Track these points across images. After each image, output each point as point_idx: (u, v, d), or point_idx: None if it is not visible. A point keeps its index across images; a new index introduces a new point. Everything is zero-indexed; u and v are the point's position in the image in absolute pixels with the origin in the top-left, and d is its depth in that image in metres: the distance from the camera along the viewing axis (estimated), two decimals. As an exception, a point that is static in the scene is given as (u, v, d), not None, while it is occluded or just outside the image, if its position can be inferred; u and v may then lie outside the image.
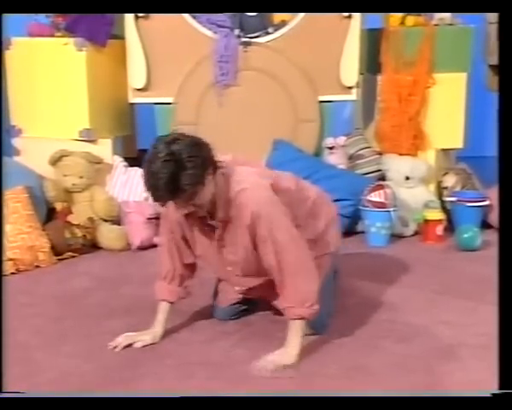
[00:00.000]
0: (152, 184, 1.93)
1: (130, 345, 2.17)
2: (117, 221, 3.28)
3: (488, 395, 1.64)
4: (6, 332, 2.24)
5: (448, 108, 3.51)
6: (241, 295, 2.32)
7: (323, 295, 2.24)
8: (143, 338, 2.18)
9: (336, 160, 3.56)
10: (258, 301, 2.38)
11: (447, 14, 3.46)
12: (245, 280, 2.22)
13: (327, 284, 2.25)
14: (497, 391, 1.67)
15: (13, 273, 2.85)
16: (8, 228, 2.92)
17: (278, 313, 2.20)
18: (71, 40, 3.32)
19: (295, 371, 1.99)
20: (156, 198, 1.97)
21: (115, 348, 2.16)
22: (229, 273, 2.21)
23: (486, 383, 1.78)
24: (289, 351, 2.02)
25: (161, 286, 2.24)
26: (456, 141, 3.60)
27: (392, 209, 3.25)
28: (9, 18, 3.14)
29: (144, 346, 2.17)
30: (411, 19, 3.46)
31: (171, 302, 2.23)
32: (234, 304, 2.36)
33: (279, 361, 1.99)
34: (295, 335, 2.03)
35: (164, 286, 2.24)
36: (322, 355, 2.11)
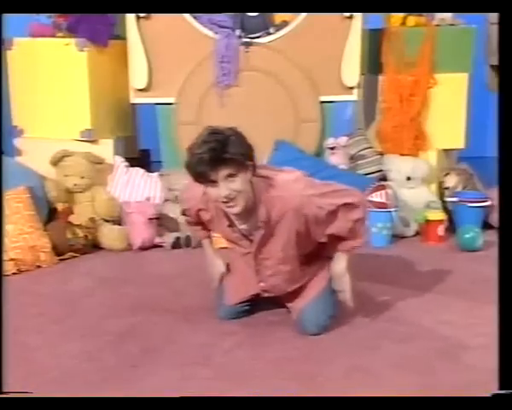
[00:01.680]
0: (197, 154, 1.94)
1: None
2: (118, 221, 3.28)
3: (488, 395, 1.64)
4: (8, 332, 2.24)
5: (449, 109, 3.51)
6: (253, 293, 2.32)
7: (326, 297, 2.24)
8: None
9: (337, 160, 3.56)
10: (266, 301, 2.38)
11: (448, 15, 3.46)
12: (273, 278, 2.25)
13: (331, 285, 2.26)
14: (497, 391, 1.67)
15: (14, 273, 2.85)
16: (9, 228, 2.92)
17: (280, 311, 2.20)
18: (72, 40, 3.33)
19: (296, 372, 1.99)
20: (198, 168, 1.96)
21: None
22: (260, 271, 2.24)
23: (487, 384, 1.78)
24: (343, 264, 2.17)
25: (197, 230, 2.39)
26: (458, 141, 3.60)
27: (393, 209, 3.25)
28: (11, 18, 3.14)
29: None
30: (412, 19, 3.46)
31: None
32: (238, 304, 2.36)
33: (340, 270, 2.16)
34: (345, 258, 2.20)
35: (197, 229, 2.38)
36: (322, 356, 2.11)
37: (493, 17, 3.52)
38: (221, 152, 1.92)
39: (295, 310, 2.27)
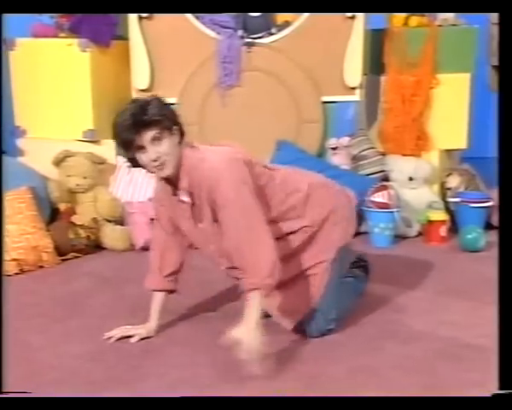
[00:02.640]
0: (119, 121, 1.98)
1: (124, 338, 2.20)
2: (120, 222, 3.29)
3: (488, 396, 1.64)
4: (10, 332, 2.25)
5: (452, 109, 3.51)
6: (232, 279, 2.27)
7: (327, 301, 2.22)
8: (138, 332, 2.21)
9: (339, 160, 3.56)
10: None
11: (451, 15, 3.46)
12: (224, 260, 2.15)
13: (330, 288, 2.23)
14: (497, 391, 1.67)
15: (17, 274, 2.86)
16: (12, 228, 2.93)
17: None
18: (75, 41, 3.33)
19: (299, 372, 1.99)
20: (123, 135, 1.97)
21: (109, 339, 2.19)
22: (213, 253, 2.17)
23: (490, 385, 1.78)
24: (245, 325, 1.89)
25: (150, 277, 2.29)
26: (460, 142, 3.60)
27: (395, 210, 3.25)
28: (14, 19, 3.15)
29: (142, 339, 2.20)
30: (415, 19, 3.46)
31: (158, 291, 2.27)
32: None
33: (236, 336, 1.86)
34: (251, 307, 1.90)
35: (153, 277, 2.28)
36: (325, 356, 2.11)
37: (495, 17, 3.52)
38: (142, 115, 1.95)
39: (290, 321, 2.21)
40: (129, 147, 2.00)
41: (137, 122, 1.95)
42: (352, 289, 2.33)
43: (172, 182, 2.08)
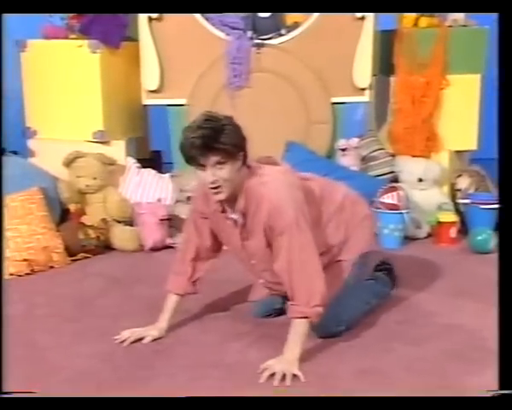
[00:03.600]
0: (189, 136, 1.96)
1: (137, 341, 2.19)
2: (130, 222, 3.29)
3: (488, 396, 1.63)
4: (21, 332, 2.26)
5: (462, 110, 3.49)
6: (267, 290, 2.33)
7: (339, 303, 2.22)
8: (150, 333, 2.21)
9: (349, 161, 3.56)
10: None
11: (461, 16, 3.45)
12: (266, 274, 2.23)
13: (346, 291, 2.24)
14: (497, 391, 1.66)
15: (27, 274, 2.87)
16: (22, 229, 2.94)
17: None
18: (85, 42, 3.35)
19: (307, 373, 1.99)
20: (190, 152, 1.98)
21: (122, 342, 2.18)
22: (254, 266, 2.24)
23: (497, 386, 1.77)
24: (287, 357, 1.97)
25: (176, 280, 2.29)
26: (470, 143, 3.58)
27: (405, 211, 3.24)
28: (25, 20, 3.18)
29: (153, 340, 2.20)
30: (425, 20, 3.45)
31: (179, 295, 2.27)
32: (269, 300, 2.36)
33: (277, 368, 1.93)
34: (295, 337, 1.99)
35: (179, 280, 2.28)
36: (334, 357, 2.11)
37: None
38: (213, 140, 1.94)
39: None
40: (191, 162, 2.02)
41: (207, 146, 1.94)
42: (372, 292, 2.34)
43: (225, 200, 2.08)
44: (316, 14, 3.41)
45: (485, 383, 1.89)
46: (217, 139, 1.94)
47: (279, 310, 2.36)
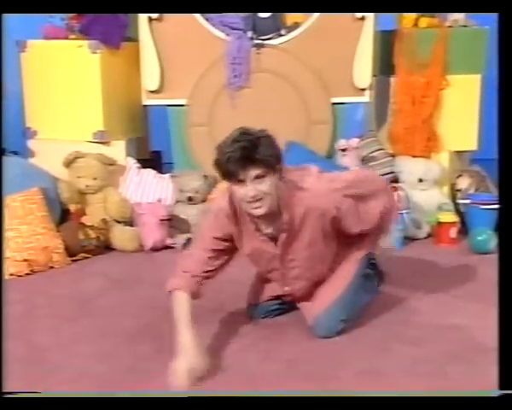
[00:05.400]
0: (227, 153, 1.93)
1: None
2: (130, 222, 3.30)
3: (488, 396, 1.63)
4: (21, 332, 2.27)
5: (462, 110, 3.49)
6: (275, 294, 2.33)
7: (342, 301, 2.23)
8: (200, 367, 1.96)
9: (349, 162, 3.56)
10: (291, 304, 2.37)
11: (461, 16, 3.44)
12: (298, 282, 2.23)
13: (348, 289, 2.26)
14: (497, 391, 1.66)
15: (27, 274, 2.88)
16: (23, 229, 2.95)
17: (292, 313, 2.19)
18: (85, 43, 3.35)
19: (307, 373, 1.99)
20: (228, 166, 1.94)
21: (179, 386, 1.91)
22: (286, 274, 2.22)
23: (497, 387, 1.77)
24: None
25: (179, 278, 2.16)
26: (470, 143, 3.58)
27: (405, 211, 3.24)
28: (25, 20, 3.18)
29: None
30: (425, 20, 3.45)
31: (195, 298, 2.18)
32: (266, 301, 2.37)
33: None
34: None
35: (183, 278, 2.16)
36: (334, 357, 2.11)
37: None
38: (252, 152, 1.92)
39: (310, 316, 2.25)
40: (229, 178, 1.99)
41: (246, 158, 1.92)
42: (365, 289, 2.35)
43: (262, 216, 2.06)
44: (316, 15, 3.41)
45: (486, 383, 1.90)
46: (256, 151, 1.92)
47: (276, 311, 2.37)
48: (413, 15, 3.46)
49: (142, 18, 3.42)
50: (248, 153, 1.92)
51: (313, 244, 2.15)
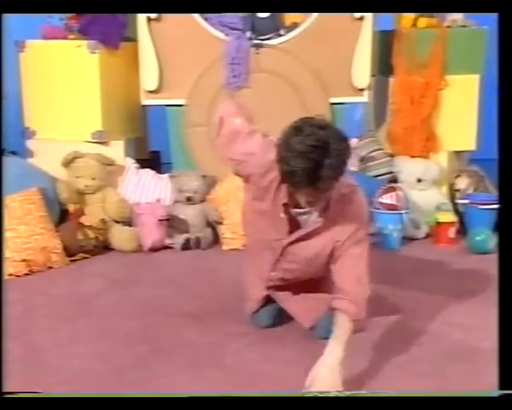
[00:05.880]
0: (291, 165, 1.80)
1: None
2: (129, 223, 3.29)
3: (488, 396, 1.64)
4: (19, 333, 2.26)
5: (461, 110, 3.50)
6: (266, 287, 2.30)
7: None
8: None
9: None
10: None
11: (460, 16, 3.45)
12: (295, 281, 2.22)
13: None
14: (497, 391, 1.66)
15: (26, 274, 2.87)
16: (21, 229, 2.94)
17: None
18: (84, 43, 3.35)
19: (306, 373, 1.99)
20: (291, 179, 1.85)
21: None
22: (288, 271, 2.18)
23: (497, 387, 1.77)
24: (327, 361, 1.86)
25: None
26: (469, 143, 3.59)
27: (403, 211, 3.25)
28: (23, 20, 3.17)
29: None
30: (423, 20, 3.45)
31: None
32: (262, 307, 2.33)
33: (316, 374, 1.83)
34: (340, 332, 1.92)
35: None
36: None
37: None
38: (316, 176, 1.79)
39: (309, 318, 2.24)
40: (287, 182, 1.91)
41: (308, 179, 1.80)
42: None
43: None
44: (314, 15, 3.41)
45: (485, 383, 1.90)
46: (319, 173, 1.78)
47: (279, 319, 2.33)
48: (412, 15, 3.47)
49: (141, 18, 3.42)
50: (312, 178, 1.79)
51: (318, 257, 2.10)
